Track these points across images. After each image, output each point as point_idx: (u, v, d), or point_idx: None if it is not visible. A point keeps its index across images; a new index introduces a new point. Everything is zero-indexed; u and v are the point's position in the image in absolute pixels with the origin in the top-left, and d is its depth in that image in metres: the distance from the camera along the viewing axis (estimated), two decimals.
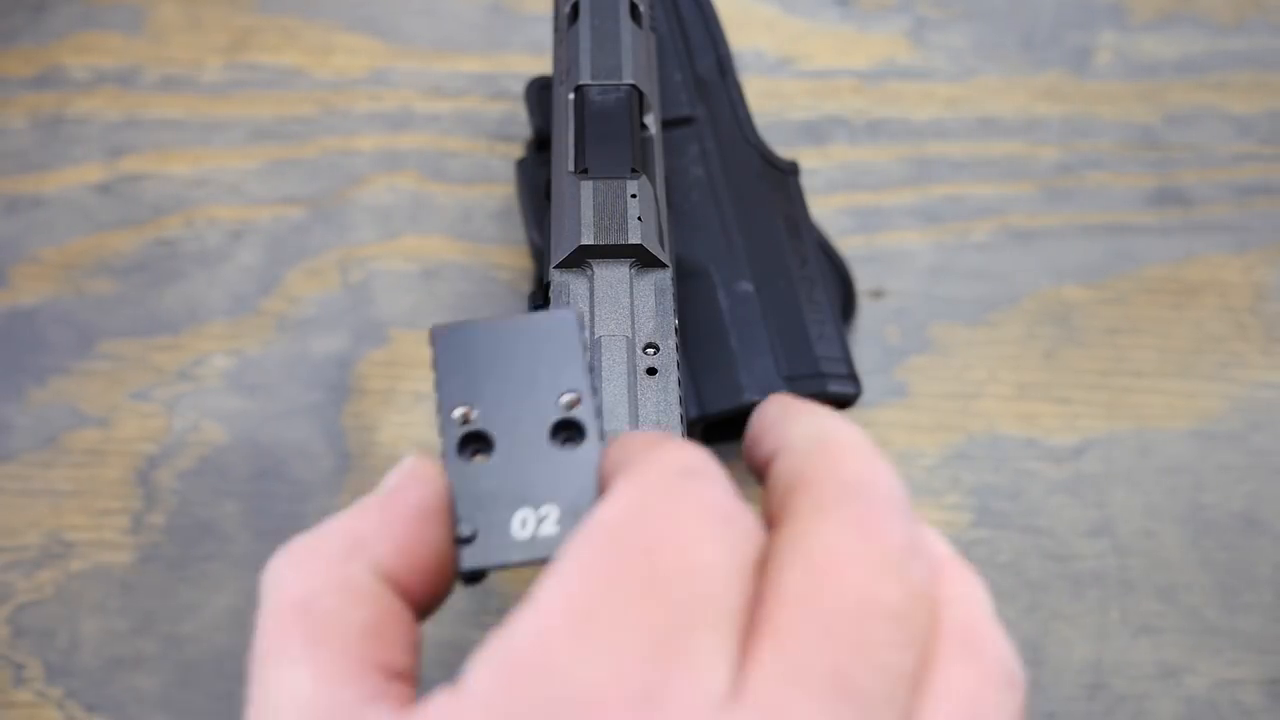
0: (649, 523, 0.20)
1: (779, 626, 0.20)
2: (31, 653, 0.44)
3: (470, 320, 0.26)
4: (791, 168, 0.45)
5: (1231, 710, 0.44)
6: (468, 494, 0.24)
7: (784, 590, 0.20)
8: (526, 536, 0.23)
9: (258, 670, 0.22)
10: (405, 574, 0.23)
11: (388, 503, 0.24)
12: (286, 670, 0.22)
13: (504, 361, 0.25)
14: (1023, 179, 0.52)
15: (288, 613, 0.22)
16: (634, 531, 0.20)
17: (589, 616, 0.19)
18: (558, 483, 0.23)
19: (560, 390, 0.24)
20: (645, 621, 0.19)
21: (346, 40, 0.54)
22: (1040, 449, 0.48)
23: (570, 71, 0.36)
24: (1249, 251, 0.51)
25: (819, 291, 0.43)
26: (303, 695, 0.21)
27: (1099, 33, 0.55)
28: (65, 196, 0.51)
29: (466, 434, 0.24)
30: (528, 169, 0.46)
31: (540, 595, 0.20)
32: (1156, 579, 0.46)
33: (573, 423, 0.24)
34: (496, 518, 0.23)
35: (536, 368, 0.25)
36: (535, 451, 0.24)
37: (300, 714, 0.21)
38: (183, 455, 0.47)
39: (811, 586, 0.20)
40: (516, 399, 0.24)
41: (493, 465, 0.24)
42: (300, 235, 0.51)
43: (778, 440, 0.24)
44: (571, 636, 0.19)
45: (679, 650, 0.19)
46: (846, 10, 0.56)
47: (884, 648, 0.20)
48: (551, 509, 0.23)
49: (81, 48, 0.54)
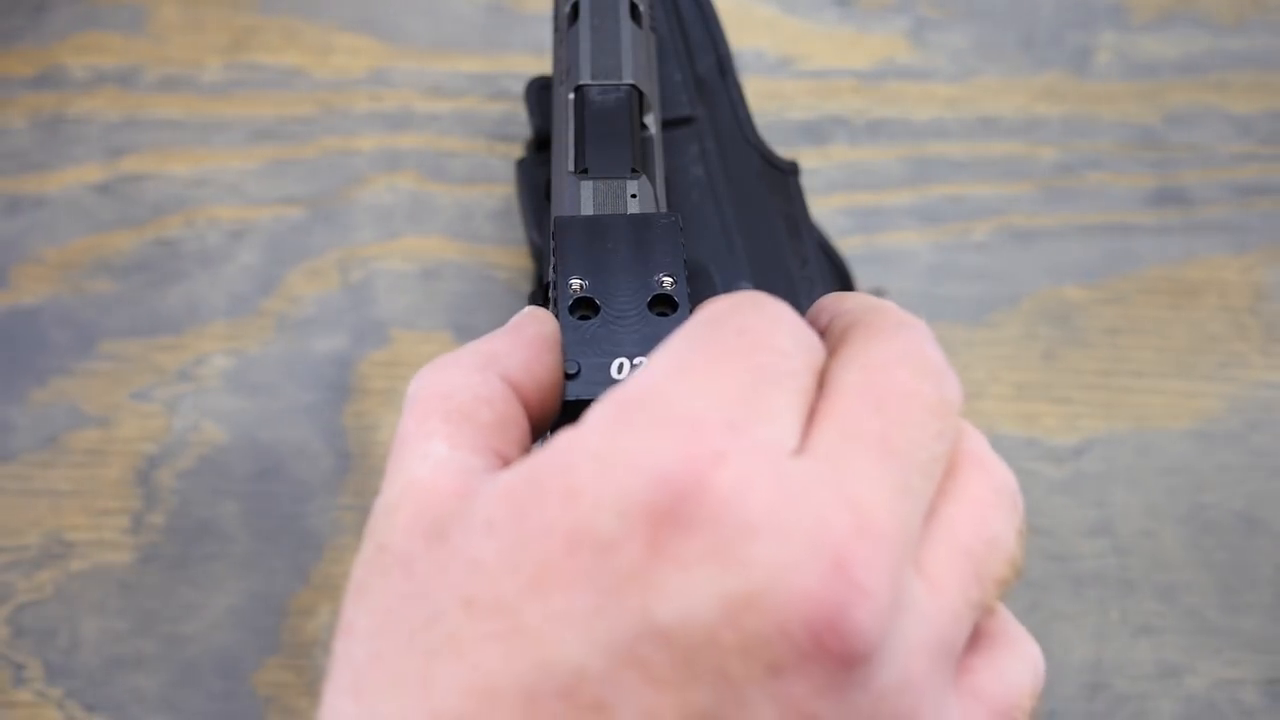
0: (741, 313, 0.25)
1: (837, 406, 0.24)
2: (31, 653, 0.44)
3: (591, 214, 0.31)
4: (791, 168, 0.45)
5: (1231, 710, 0.44)
6: (575, 342, 0.28)
7: (842, 383, 0.24)
8: (622, 378, 0.27)
9: (399, 446, 0.26)
10: (527, 387, 0.28)
11: (515, 330, 0.28)
12: (425, 441, 0.26)
13: (615, 246, 0.30)
14: (1023, 179, 0.52)
15: (432, 400, 0.26)
16: (729, 317, 0.24)
17: (690, 366, 0.23)
18: (650, 341, 0.28)
19: (660, 272, 0.29)
20: (735, 374, 0.23)
21: (346, 40, 0.54)
22: (1040, 449, 0.48)
23: (570, 72, 0.36)
24: (1249, 251, 0.51)
25: (819, 291, 0.43)
26: (439, 455, 0.25)
27: (1099, 33, 0.55)
28: (65, 196, 0.51)
29: (577, 299, 0.29)
30: (527, 169, 0.46)
31: (650, 360, 0.24)
32: (1156, 579, 0.46)
33: (668, 298, 0.29)
34: (598, 362, 0.28)
35: (642, 253, 0.30)
36: (635, 316, 0.29)
37: (434, 470, 0.25)
38: (183, 455, 0.47)
39: (865, 379, 0.24)
40: (623, 276, 0.29)
41: (597, 324, 0.29)
42: (300, 235, 0.51)
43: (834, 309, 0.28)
44: (675, 378, 0.23)
45: (760, 398, 0.23)
46: (846, 10, 0.56)
47: (922, 429, 0.24)
48: (644, 360, 0.28)
49: (81, 48, 0.54)
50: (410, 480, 0.25)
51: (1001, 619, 0.26)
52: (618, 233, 0.30)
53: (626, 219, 0.30)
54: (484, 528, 0.23)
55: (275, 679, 0.44)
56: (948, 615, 0.24)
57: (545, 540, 0.22)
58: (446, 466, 0.25)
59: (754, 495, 0.22)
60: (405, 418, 0.27)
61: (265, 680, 0.44)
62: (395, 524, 0.25)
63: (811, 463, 0.23)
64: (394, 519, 0.25)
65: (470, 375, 0.27)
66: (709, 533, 0.21)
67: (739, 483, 0.22)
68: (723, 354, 0.24)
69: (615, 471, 0.22)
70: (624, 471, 0.22)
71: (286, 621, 0.45)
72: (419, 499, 0.25)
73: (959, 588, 0.24)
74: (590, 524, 0.22)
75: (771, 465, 0.22)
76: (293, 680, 0.44)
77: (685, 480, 0.22)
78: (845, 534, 0.22)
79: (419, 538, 0.24)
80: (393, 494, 0.25)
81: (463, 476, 0.25)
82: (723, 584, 0.21)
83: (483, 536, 0.23)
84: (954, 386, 0.25)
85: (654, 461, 0.22)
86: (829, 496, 0.22)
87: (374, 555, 0.25)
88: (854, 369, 0.25)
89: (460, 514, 0.24)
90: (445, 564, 0.23)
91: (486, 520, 0.23)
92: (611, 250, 0.29)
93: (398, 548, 0.24)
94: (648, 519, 0.22)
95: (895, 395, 0.24)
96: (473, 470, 0.25)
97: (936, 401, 0.25)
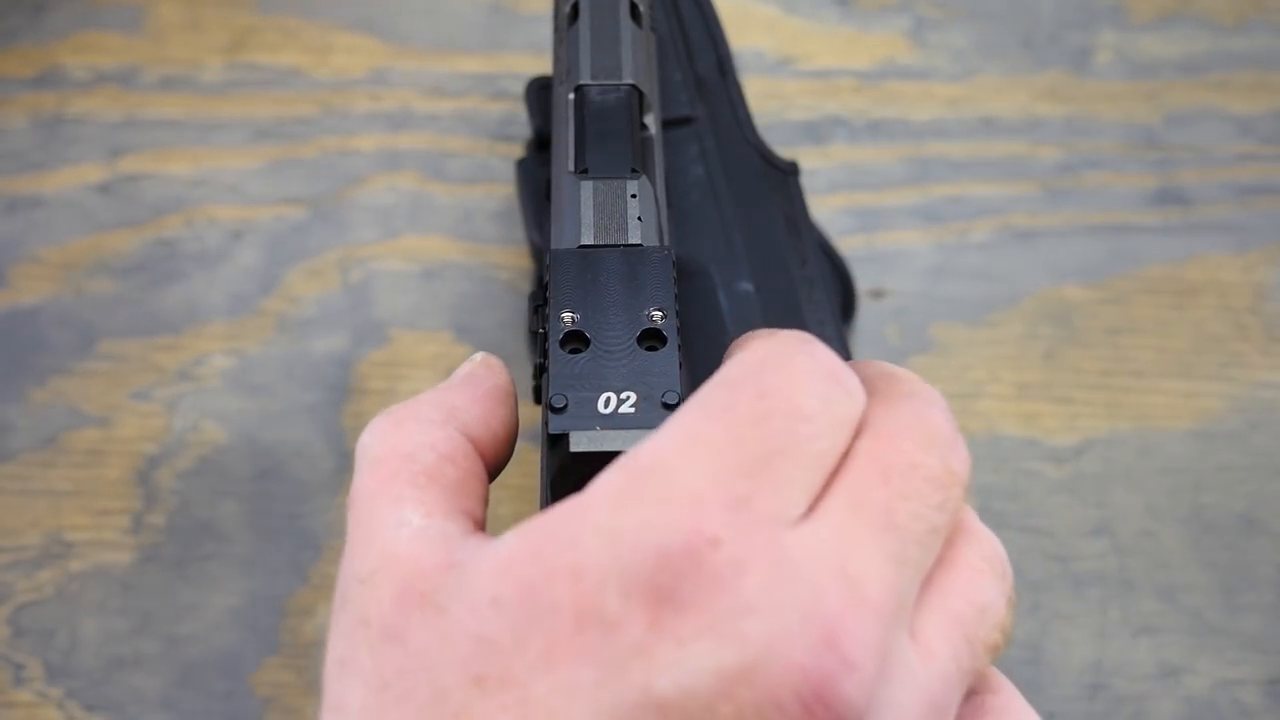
0: (765, 373, 0.25)
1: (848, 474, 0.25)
2: (31, 653, 0.44)
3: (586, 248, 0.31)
4: (791, 168, 0.45)
5: (1231, 710, 0.44)
6: (563, 376, 0.28)
7: (856, 451, 0.25)
8: (608, 412, 0.28)
9: (363, 509, 0.26)
10: (484, 441, 0.28)
11: (470, 382, 0.29)
12: (395, 508, 0.26)
13: (607, 280, 0.30)
14: (1023, 179, 0.52)
15: (395, 461, 0.27)
16: (751, 378, 0.25)
17: (701, 436, 0.24)
18: (639, 376, 0.28)
19: (651, 306, 0.30)
20: (746, 445, 0.24)
21: (346, 40, 0.54)
22: (1040, 449, 0.48)
23: (570, 71, 0.36)
24: (1249, 251, 0.51)
25: (819, 291, 0.43)
26: (414, 525, 0.26)
27: (1099, 33, 0.55)
28: (65, 196, 0.51)
29: (568, 332, 0.29)
30: (528, 169, 0.46)
31: (665, 424, 0.24)
32: (1156, 579, 0.46)
33: (658, 332, 0.29)
34: (585, 395, 0.28)
35: (634, 287, 0.30)
36: (624, 351, 0.29)
37: (412, 541, 0.25)
38: (183, 455, 0.47)
39: (875, 448, 0.25)
40: (614, 310, 0.30)
41: (587, 358, 0.29)
42: (300, 235, 0.51)
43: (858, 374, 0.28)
44: (683, 450, 0.24)
45: (770, 472, 0.24)
46: (846, 10, 0.56)
47: (924, 501, 0.25)
48: (631, 395, 0.28)
49: (81, 48, 0.54)
50: (387, 551, 0.25)
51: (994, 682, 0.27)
52: (610, 266, 0.30)
53: (620, 252, 0.31)
54: (490, 604, 0.24)
55: (275, 679, 0.44)
56: (939, 680, 0.25)
57: (554, 618, 0.23)
58: (424, 536, 0.25)
59: (750, 574, 0.23)
60: (365, 477, 0.27)
61: (265, 680, 0.44)
62: (379, 597, 0.25)
63: (813, 532, 0.24)
64: (377, 592, 0.25)
65: (432, 432, 0.27)
66: (706, 611, 0.23)
67: (736, 563, 0.23)
68: (738, 422, 0.24)
69: (620, 550, 0.23)
70: (629, 551, 0.23)
71: (286, 621, 0.45)
72: (402, 571, 0.25)
73: (951, 653, 0.25)
74: (596, 603, 0.23)
75: (769, 542, 0.23)
76: (293, 680, 0.44)
77: (685, 561, 0.23)
78: (837, 607, 0.23)
79: (409, 611, 0.24)
80: (367, 564, 0.26)
81: (444, 547, 0.25)
82: (719, 659, 0.22)
83: (490, 613, 0.23)
84: (961, 458, 0.26)
85: (656, 541, 0.23)
86: (824, 569, 0.23)
87: (356, 628, 0.25)
88: (867, 436, 0.25)
89: (455, 589, 0.24)
90: (447, 639, 0.24)
91: (492, 597, 0.24)
92: (604, 284, 0.30)
93: (385, 622, 0.25)
94: (650, 598, 0.23)
95: (901, 467, 0.25)
96: (451, 538, 0.25)
97: (941, 473, 0.25)
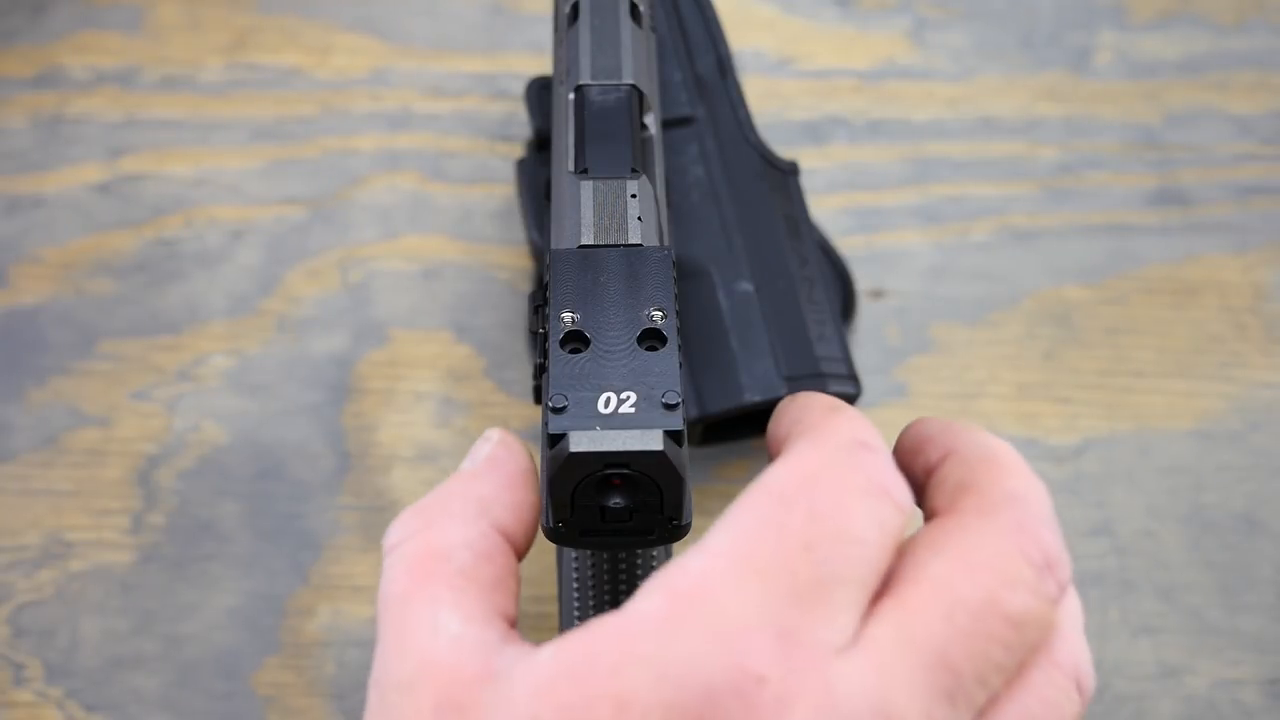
0: (818, 490, 0.24)
1: (908, 600, 0.23)
2: (31, 653, 0.44)
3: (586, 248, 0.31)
4: (791, 168, 0.45)
5: (1231, 710, 0.44)
6: (563, 376, 0.28)
7: (924, 571, 0.24)
8: (608, 412, 0.28)
9: (396, 610, 0.26)
10: (515, 531, 0.28)
11: (494, 467, 0.28)
12: (430, 610, 0.25)
13: (607, 279, 0.30)
14: (1023, 179, 0.52)
15: (430, 561, 0.26)
16: (803, 495, 0.24)
17: (750, 562, 0.23)
18: (639, 376, 0.28)
19: (650, 306, 0.29)
20: (797, 573, 0.23)
21: (346, 40, 0.54)
22: (1040, 449, 0.48)
23: (570, 71, 0.36)
24: (1249, 251, 0.51)
25: (819, 291, 0.43)
26: (452, 632, 0.25)
27: (1099, 33, 0.55)
28: (65, 196, 0.51)
29: (569, 333, 0.29)
30: (528, 169, 0.46)
31: (711, 538, 0.24)
32: (1156, 579, 0.46)
33: (658, 332, 0.29)
34: (585, 395, 0.28)
35: (634, 287, 0.30)
36: (624, 351, 0.29)
37: (451, 648, 0.25)
38: (183, 455, 0.47)
39: (949, 575, 0.24)
40: (613, 310, 0.29)
41: (587, 358, 0.29)
42: (300, 235, 0.51)
43: (947, 446, 0.27)
44: (733, 576, 0.23)
45: (819, 600, 0.23)
46: (846, 10, 0.56)
47: (993, 645, 0.23)
48: (631, 394, 0.28)
49: (81, 48, 0.54)
50: (425, 659, 0.25)
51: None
52: (611, 266, 0.30)
53: (620, 252, 0.31)
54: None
55: (275, 679, 0.44)
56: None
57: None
58: (463, 644, 0.25)
59: (794, 713, 0.22)
60: (399, 576, 0.26)
61: (265, 680, 0.44)
62: (419, 707, 0.24)
63: (858, 665, 0.23)
64: (416, 701, 0.24)
65: (466, 530, 0.27)
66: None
67: (780, 701, 0.22)
68: (789, 547, 0.23)
69: (665, 685, 0.22)
70: (674, 687, 0.22)
71: (286, 621, 0.45)
72: (441, 681, 0.25)
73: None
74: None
75: (814, 679, 0.23)
76: (293, 680, 0.44)
77: (731, 699, 0.22)
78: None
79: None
80: (405, 670, 0.25)
81: (483, 655, 0.25)
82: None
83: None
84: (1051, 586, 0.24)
85: (704, 678, 0.22)
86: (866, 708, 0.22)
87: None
88: (945, 556, 0.24)
89: (493, 704, 0.24)
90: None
91: (532, 717, 0.23)
92: (604, 284, 0.30)
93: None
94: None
95: (973, 605, 0.24)
96: (490, 645, 0.25)
97: (1022, 610, 0.24)
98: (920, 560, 0.24)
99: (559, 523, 0.29)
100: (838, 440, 0.25)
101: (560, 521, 0.29)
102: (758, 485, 0.24)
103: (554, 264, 0.31)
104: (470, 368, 0.49)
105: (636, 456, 0.27)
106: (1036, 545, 0.24)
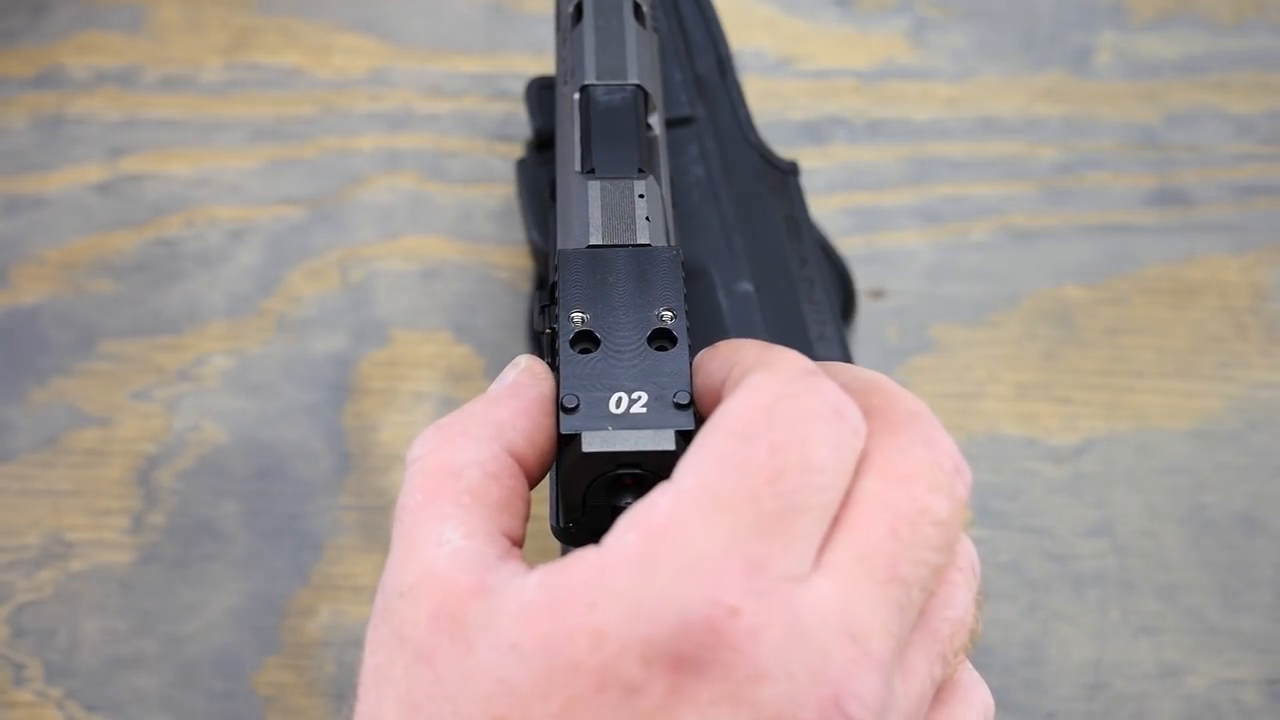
0: (778, 420, 0.25)
1: (854, 523, 0.25)
2: (31, 653, 0.44)
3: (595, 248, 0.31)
4: (791, 168, 0.45)
5: (1231, 710, 0.44)
6: (575, 376, 0.28)
7: (861, 491, 0.25)
8: (620, 412, 0.28)
9: (407, 522, 0.27)
10: (528, 456, 0.28)
11: (516, 393, 0.29)
12: (437, 524, 0.26)
13: (617, 280, 0.30)
14: (1023, 179, 0.52)
15: (442, 477, 0.27)
16: (763, 428, 0.25)
17: (717, 498, 0.24)
18: (649, 376, 0.28)
19: (660, 306, 0.29)
20: (762, 505, 0.24)
21: (346, 40, 0.54)
22: (1040, 449, 0.48)
23: (575, 71, 0.36)
24: (1249, 251, 0.51)
25: (819, 291, 0.43)
26: (453, 545, 0.26)
27: (1099, 33, 0.55)
28: (65, 196, 0.51)
29: (579, 332, 0.29)
30: (528, 169, 0.46)
31: (679, 475, 0.25)
32: (1156, 579, 0.46)
33: (668, 332, 0.29)
34: (597, 396, 0.28)
35: (643, 287, 0.30)
36: (634, 351, 0.29)
37: (450, 561, 0.26)
38: (183, 455, 0.47)
39: (884, 491, 0.25)
40: (623, 310, 0.29)
41: (597, 358, 0.29)
42: (300, 235, 0.51)
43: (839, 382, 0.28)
44: (701, 512, 0.24)
45: (784, 530, 0.24)
46: (846, 10, 0.56)
47: (928, 551, 0.25)
48: (642, 394, 0.28)
49: (81, 48, 0.54)
50: (426, 569, 0.26)
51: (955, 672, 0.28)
52: (619, 266, 0.30)
53: (629, 252, 0.31)
54: (512, 649, 0.24)
55: (275, 679, 0.44)
56: (916, 698, 0.26)
57: (574, 676, 0.24)
58: (461, 558, 0.26)
59: (765, 641, 0.23)
60: (412, 490, 0.27)
61: (265, 680, 0.44)
62: (416, 615, 0.25)
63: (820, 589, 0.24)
64: (414, 610, 0.26)
65: (480, 449, 0.27)
66: (724, 678, 0.23)
67: (752, 631, 0.23)
68: (753, 480, 0.24)
69: (641, 618, 0.23)
70: (649, 621, 0.23)
71: (286, 621, 0.45)
72: (437, 592, 0.26)
73: (928, 672, 0.26)
74: (617, 668, 0.23)
75: (783, 606, 0.24)
76: (293, 680, 0.44)
77: (704, 631, 0.23)
78: (843, 668, 0.24)
79: (441, 636, 0.25)
80: (407, 578, 0.26)
81: (479, 570, 0.26)
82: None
83: (511, 659, 0.24)
84: (965, 482, 0.26)
85: (677, 612, 0.23)
86: (831, 629, 0.24)
87: (393, 642, 0.26)
88: (875, 476, 0.26)
89: (483, 625, 0.25)
90: (472, 675, 0.24)
91: (513, 643, 0.24)
92: (613, 284, 0.30)
93: (420, 641, 0.25)
94: (669, 665, 0.23)
95: (909, 515, 0.25)
96: (488, 562, 0.26)
97: (948, 514, 0.26)
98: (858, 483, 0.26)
99: (570, 523, 0.29)
100: (790, 370, 0.26)
101: (571, 522, 0.29)
102: (720, 419, 0.25)
103: (562, 264, 0.30)
104: (470, 368, 0.49)
105: (649, 457, 0.27)
106: (946, 453, 0.26)
